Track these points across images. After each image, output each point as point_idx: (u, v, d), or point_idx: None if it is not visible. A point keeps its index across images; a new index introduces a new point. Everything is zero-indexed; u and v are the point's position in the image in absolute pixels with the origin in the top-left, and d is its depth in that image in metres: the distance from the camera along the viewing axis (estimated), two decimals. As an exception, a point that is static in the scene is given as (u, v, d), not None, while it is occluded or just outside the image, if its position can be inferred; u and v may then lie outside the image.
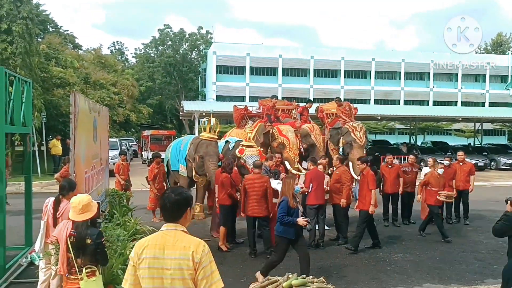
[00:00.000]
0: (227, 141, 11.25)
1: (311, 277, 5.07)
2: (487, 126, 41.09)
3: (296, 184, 6.05)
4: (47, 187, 15.51)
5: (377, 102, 49.72)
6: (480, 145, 31.52)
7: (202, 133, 10.48)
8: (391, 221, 10.13)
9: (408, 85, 52.45)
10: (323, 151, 11.96)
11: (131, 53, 79.55)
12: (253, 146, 10.49)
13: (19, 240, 7.68)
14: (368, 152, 16.24)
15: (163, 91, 52.74)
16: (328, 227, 8.89)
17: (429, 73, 52.67)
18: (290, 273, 5.04)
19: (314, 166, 8.57)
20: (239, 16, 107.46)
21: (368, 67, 51.55)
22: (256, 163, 7.88)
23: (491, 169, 25.28)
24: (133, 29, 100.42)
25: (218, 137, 10.43)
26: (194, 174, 10.13)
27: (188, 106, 27.32)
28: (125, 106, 31.37)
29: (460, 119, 30.70)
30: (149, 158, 23.74)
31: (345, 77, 51.27)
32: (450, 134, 49.04)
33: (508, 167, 24.96)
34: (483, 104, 51.97)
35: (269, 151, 11.10)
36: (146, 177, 10.80)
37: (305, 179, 8.75)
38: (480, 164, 23.33)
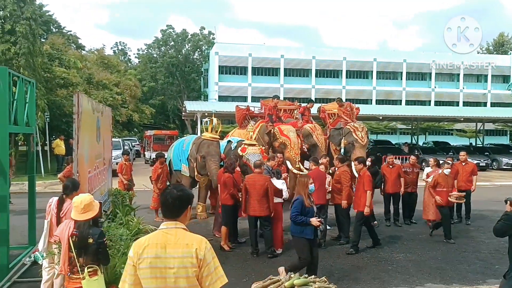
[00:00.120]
0: (229, 141, 11.29)
1: (313, 276, 5.10)
2: (489, 126, 41.00)
3: (310, 183, 5.93)
4: (50, 186, 15.56)
5: (378, 102, 49.71)
6: (481, 145, 31.46)
7: (204, 133, 10.52)
8: (393, 221, 10.13)
9: (410, 85, 52.38)
10: (325, 151, 11.99)
11: (133, 54, 79.26)
12: (255, 145, 10.52)
13: (22, 239, 7.71)
14: (370, 152, 16.26)
15: (165, 92, 52.81)
16: (330, 227, 8.92)
17: (430, 73, 52.59)
18: (292, 273, 5.07)
19: (316, 166, 8.59)
20: (241, 16, 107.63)
21: (370, 67, 51.51)
22: (257, 163, 7.90)
23: (492, 169, 25.24)
24: (135, 30, 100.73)
25: (220, 137, 10.46)
26: (196, 174, 10.17)
27: (191, 106, 27.38)
28: (128, 106, 31.44)
29: (462, 119, 30.65)
30: (152, 158, 23.93)
31: (347, 77, 51.24)
32: (452, 134, 48.95)
33: (510, 167, 24.91)
34: (484, 104, 51.91)
35: (271, 151, 11.14)
36: (149, 177, 10.84)
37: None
38: (481, 164, 23.30)
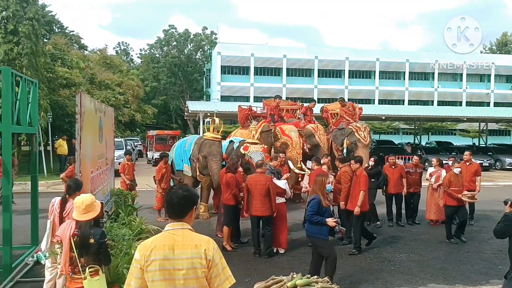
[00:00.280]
0: (231, 141, 11.30)
1: (315, 277, 5.08)
2: (492, 126, 40.88)
3: (328, 183, 5.83)
4: (53, 186, 15.60)
5: (381, 102, 49.61)
6: (485, 145, 31.38)
7: (205, 133, 10.52)
8: (395, 221, 10.11)
9: (413, 85, 52.27)
10: (327, 151, 11.99)
11: (136, 54, 79.74)
12: (257, 143, 10.53)
13: (25, 239, 7.74)
14: (373, 152, 16.23)
15: (168, 92, 52.88)
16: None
17: (433, 73, 52.46)
18: (294, 273, 5.05)
19: (318, 166, 8.58)
20: (243, 16, 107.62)
21: (372, 67, 51.44)
22: (258, 162, 7.90)
23: (496, 169, 25.15)
24: (138, 30, 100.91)
25: (221, 137, 10.46)
26: (198, 174, 10.18)
27: (193, 106, 27.42)
28: (130, 106, 31.48)
29: (465, 119, 30.59)
30: (154, 158, 23.94)
31: (349, 77, 51.14)
32: (455, 134, 48.85)
33: (513, 167, 24.82)
34: (488, 104, 51.73)
35: (273, 151, 11.14)
36: (153, 177, 10.84)
37: (309, 179, 8.77)
38: (485, 164, 23.18)
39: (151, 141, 28.87)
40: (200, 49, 54.61)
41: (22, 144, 19.33)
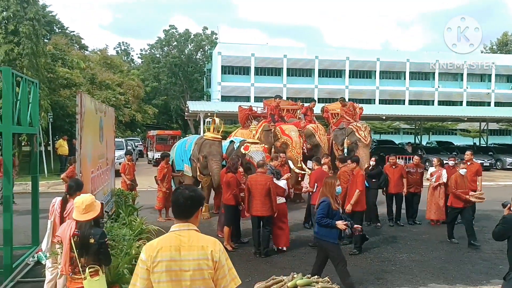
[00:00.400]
0: (232, 141, 11.30)
1: (316, 277, 5.08)
2: (493, 126, 40.90)
3: (337, 185, 5.77)
4: (53, 186, 15.61)
5: (382, 102, 49.62)
6: (485, 145, 31.36)
7: (206, 133, 10.52)
8: (395, 221, 10.10)
9: (413, 85, 52.27)
10: (328, 151, 11.99)
11: (136, 54, 79.85)
12: (258, 143, 10.53)
13: (26, 239, 7.75)
14: (373, 152, 16.24)
15: (168, 92, 52.88)
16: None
17: (434, 73, 52.47)
18: (295, 273, 5.05)
19: (319, 166, 8.58)
20: (243, 16, 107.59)
21: (373, 67, 51.45)
22: (259, 162, 7.91)
23: (496, 169, 25.14)
24: (138, 30, 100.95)
25: (222, 137, 10.46)
26: (198, 174, 10.18)
27: (193, 106, 27.42)
28: (131, 107, 31.48)
29: (466, 119, 30.56)
30: (155, 158, 23.92)
31: (350, 77, 51.16)
32: (456, 134, 48.86)
33: (514, 167, 24.80)
34: (488, 104, 51.73)
35: (273, 150, 11.14)
36: (154, 177, 10.83)
37: (310, 179, 8.76)
38: (485, 164, 23.17)
39: (151, 141, 28.88)
40: (201, 49, 54.60)
41: (23, 144, 19.34)
